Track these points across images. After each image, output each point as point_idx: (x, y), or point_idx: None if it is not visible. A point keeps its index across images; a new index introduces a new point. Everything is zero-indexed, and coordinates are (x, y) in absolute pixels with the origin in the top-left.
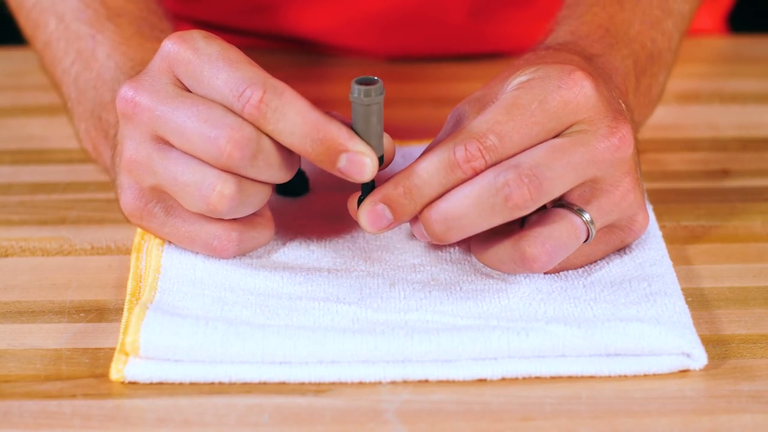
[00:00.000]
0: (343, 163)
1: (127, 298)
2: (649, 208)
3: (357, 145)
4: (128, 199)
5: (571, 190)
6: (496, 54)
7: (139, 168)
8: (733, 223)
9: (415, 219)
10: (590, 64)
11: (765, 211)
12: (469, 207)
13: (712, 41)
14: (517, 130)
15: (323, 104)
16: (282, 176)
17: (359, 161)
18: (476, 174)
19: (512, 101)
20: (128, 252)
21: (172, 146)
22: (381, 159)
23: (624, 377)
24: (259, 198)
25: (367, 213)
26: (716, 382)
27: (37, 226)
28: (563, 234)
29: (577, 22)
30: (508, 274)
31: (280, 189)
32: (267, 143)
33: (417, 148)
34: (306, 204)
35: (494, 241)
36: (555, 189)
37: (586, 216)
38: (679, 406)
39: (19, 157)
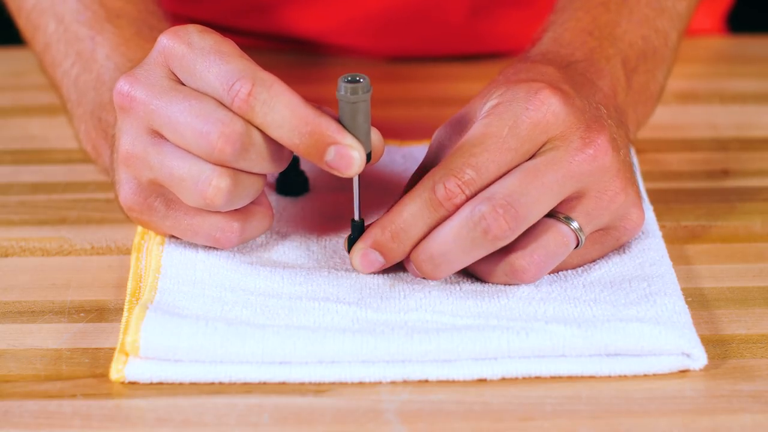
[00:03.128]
0: (331, 155)
1: (127, 298)
2: (650, 208)
3: (345, 139)
4: (127, 193)
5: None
6: (495, 54)
7: (136, 162)
8: (733, 223)
9: (407, 259)
10: (567, 72)
11: (765, 211)
12: (451, 244)
13: (712, 41)
14: (492, 160)
15: (322, 104)
16: (275, 167)
17: (347, 154)
18: (458, 209)
19: (483, 130)
20: (128, 252)
21: (167, 140)
22: (369, 156)
23: (624, 377)
24: (254, 189)
25: (359, 258)
26: (716, 382)
27: (37, 226)
28: (551, 244)
29: (560, 28)
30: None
31: (280, 189)
32: (258, 136)
33: (417, 148)
34: (306, 204)
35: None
36: (532, 213)
37: (574, 224)
38: (679, 406)
39: (19, 157)
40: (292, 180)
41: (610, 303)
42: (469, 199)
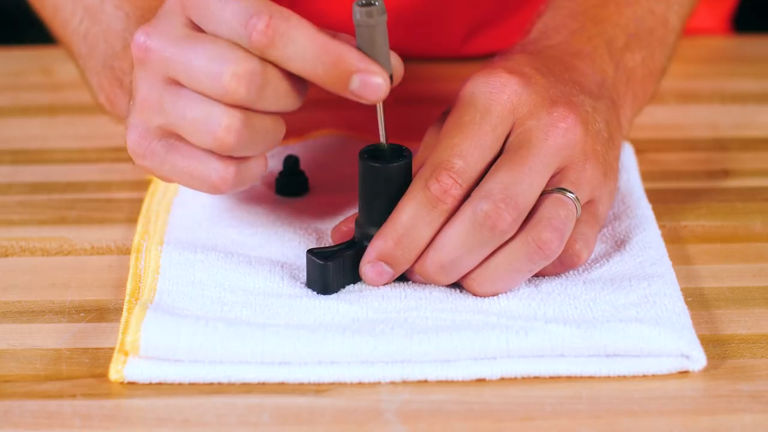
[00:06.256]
0: (356, 84)
1: (127, 298)
2: (649, 207)
3: (369, 65)
4: (133, 137)
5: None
6: (495, 54)
7: (151, 107)
8: (733, 223)
9: (411, 271)
10: (537, 57)
11: (765, 211)
12: (460, 248)
13: (713, 41)
14: (474, 145)
15: (323, 105)
16: (292, 104)
17: (372, 82)
18: (456, 201)
19: (457, 120)
20: (128, 252)
21: (183, 86)
22: (390, 78)
23: (624, 377)
24: (271, 133)
25: (369, 273)
26: (716, 382)
27: (37, 226)
28: (561, 212)
29: (546, 18)
30: (524, 283)
31: (280, 189)
32: (273, 73)
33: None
34: (306, 204)
35: (492, 260)
36: (529, 199)
37: (570, 194)
38: (679, 406)
39: (19, 157)
40: (292, 180)
41: (609, 303)
42: (463, 189)
